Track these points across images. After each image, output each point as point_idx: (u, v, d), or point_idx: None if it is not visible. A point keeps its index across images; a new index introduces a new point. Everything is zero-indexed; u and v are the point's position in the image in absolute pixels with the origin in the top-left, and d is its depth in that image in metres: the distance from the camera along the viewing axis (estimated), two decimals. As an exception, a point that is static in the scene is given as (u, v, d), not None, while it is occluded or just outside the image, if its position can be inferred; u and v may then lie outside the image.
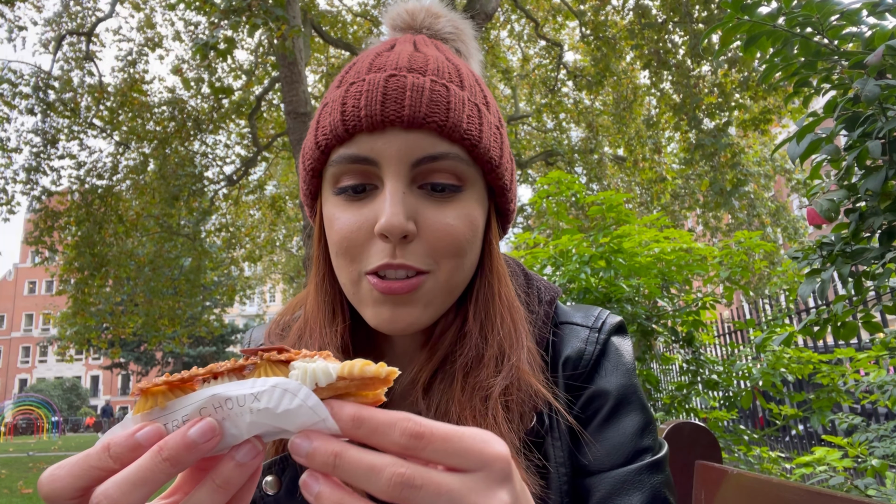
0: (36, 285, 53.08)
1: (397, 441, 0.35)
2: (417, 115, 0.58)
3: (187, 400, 0.37)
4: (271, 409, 0.35)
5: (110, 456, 0.36)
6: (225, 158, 12.11)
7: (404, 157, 0.59)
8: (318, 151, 0.62)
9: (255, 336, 0.82)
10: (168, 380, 0.38)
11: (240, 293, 15.94)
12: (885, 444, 2.55)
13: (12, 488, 8.92)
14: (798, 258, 1.55)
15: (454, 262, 0.61)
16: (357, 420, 0.36)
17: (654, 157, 10.09)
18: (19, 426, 29.13)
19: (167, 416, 0.37)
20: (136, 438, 0.36)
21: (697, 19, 7.76)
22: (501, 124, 0.68)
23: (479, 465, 0.36)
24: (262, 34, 8.47)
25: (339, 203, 0.62)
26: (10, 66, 9.58)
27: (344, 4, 11.56)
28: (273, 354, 0.38)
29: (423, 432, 0.35)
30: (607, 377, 0.68)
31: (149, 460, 0.35)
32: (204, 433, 0.35)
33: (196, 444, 0.35)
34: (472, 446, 0.36)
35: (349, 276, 0.62)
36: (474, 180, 0.63)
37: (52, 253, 10.12)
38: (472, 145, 0.61)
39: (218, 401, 0.36)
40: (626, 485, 0.62)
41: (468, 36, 0.76)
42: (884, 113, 1.21)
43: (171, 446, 0.35)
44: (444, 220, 0.60)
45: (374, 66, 0.63)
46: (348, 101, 0.61)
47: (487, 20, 7.29)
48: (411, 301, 0.60)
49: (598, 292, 2.63)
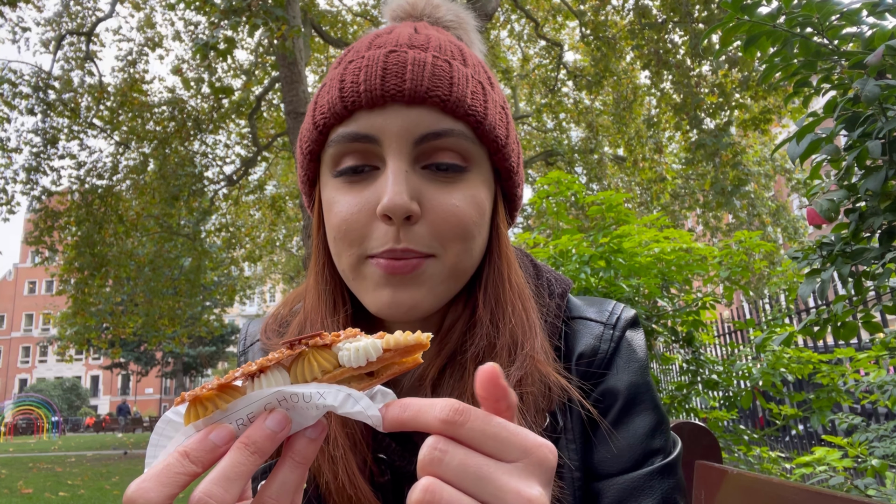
0: (36, 285, 53.09)
1: (438, 415, 0.36)
2: (419, 90, 0.56)
3: (248, 399, 0.39)
4: (336, 406, 0.38)
5: (191, 461, 0.37)
6: (225, 158, 12.12)
7: (406, 133, 0.56)
8: (316, 132, 0.60)
9: (251, 331, 0.80)
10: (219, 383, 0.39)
11: (240, 293, 15.96)
12: (885, 444, 2.55)
13: (12, 488, 8.92)
14: (798, 258, 1.55)
15: (461, 246, 0.58)
16: (404, 405, 0.38)
17: (654, 156, 10.10)
18: (19, 426, 29.12)
19: (229, 417, 0.39)
20: (211, 440, 0.38)
21: (697, 19, 7.76)
22: (506, 106, 0.66)
23: (519, 454, 0.36)
24: (262, 34, 8.47)
25: (338, 186, 0.59)
26: (10, 66, 9.59)
27: (344, 4, 11.57)
28: (316, 340, 0.40)
29: (464, 409, 0.36)
30: (619, 374, 0.66)
31: (239, 454, 0.37)
32: (279, 422, 0.38)
33: (275, 433, 0.38)
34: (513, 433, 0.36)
35: (349, 261, 0.59)
36: (480, 161, 0.61)
37: (52, 253, 10.14)
38: (477, 122, 0.58)
39: (282, 396, 0.38)
40: (637, 491, 0.60)
41: (470, 26, 0.74)
42: (884, 113, 1.21)
43: (255, 438, 0.37)
44: (449, 201, 0.57)
45: (375, 44, 0.61)
46: (347, 77, 0.58)
47: (487, 20, 7.30)
48: (413, 282, 0.57)
49: (598, 292, 2.62)
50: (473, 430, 0.35)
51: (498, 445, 0.35)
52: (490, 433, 0.35)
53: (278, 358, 0.39)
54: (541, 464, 0.36)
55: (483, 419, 0.36)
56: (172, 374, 33.04)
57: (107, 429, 34.85)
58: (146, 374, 32.48)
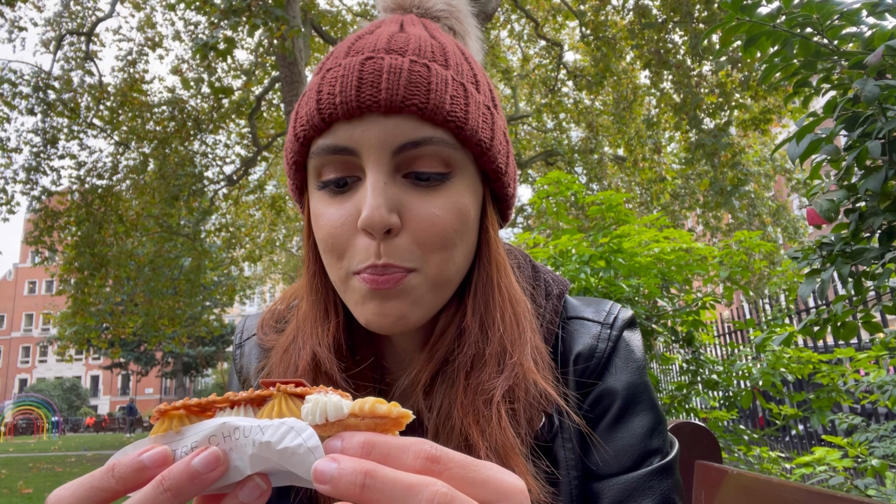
0: (36, 285, 53.09)
1: (412, 464, 0.33)
2: (395, 99, 0.54)
3: (200, 427, 0.36)
4: (272, 443, 0.34)
5: (114, 476, 0.34)
6: (225, 158, 12.13)
7: (385, 144, 0.55)
8: (298, 143, 0.59)
9: (248, 325, 0.79)
10: (187, 404, 0.37)
11: (240, 293, 15.98)
12: (885, 444, 2.54)
13: (12, 488, 8.92)
14: (798, 258, 1.55)
15: (442, 256, 0.57)
16: (368, 445, 0.33)
17: (654, 156, 10.10)
18: (19, 426, 29.12)
19: (178, 442, 0.36)
20: (140, 460, 0.35)
21: (698, 19, 7.76)
22: (494, 104, 0.64)
23: (498, 496, 0.34)
24: (261, 34, 8.47)
25: (322, 198, 0.59)
26: (10, 66, 9.60)
27: (344, 4, 11.58)
28: (290, 387, 0.38)
29: (440, 456, 0.33)
30: (617, 375, 0.65)
31: (151, 490, 0.34)
32: (208, 463, 0.34)
33: (199, 473, 0.34)
34: (492, 476, 0.34)
35: (338, 275, 0.59)
36: (463, 165, 0.59)
37: (52, 253, 10.14)
38: (458, 128, 0.57)
39: (227, 429, 0.35)
40: (636, 491, 0.60)
41: (463, 14, 0.72)
42: (883, 113, 1.21)
43: (174, 476, 0.34)
44: (429, 210, 0.56)
45: (353, 49, 0.60)
46: (324, 88, 0.57)
47: (487, 20, 7.30)
48: (398, 296, 0.56)
49: (598, 292, 2.62)
50: (453, 479, 0.33)
51: (477, 491, 0.34)
52: (469, 479, 0.33)
53: (246, 396, 0.38)
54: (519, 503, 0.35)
55: (460, 464, 0.34)
56: (172, 374, 33.04)
57: (107, 429, 34.87)
58: (146, 374, 32.49)
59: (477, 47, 0.72)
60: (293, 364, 0.63)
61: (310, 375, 0.61)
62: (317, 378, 0.61)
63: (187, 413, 0.37)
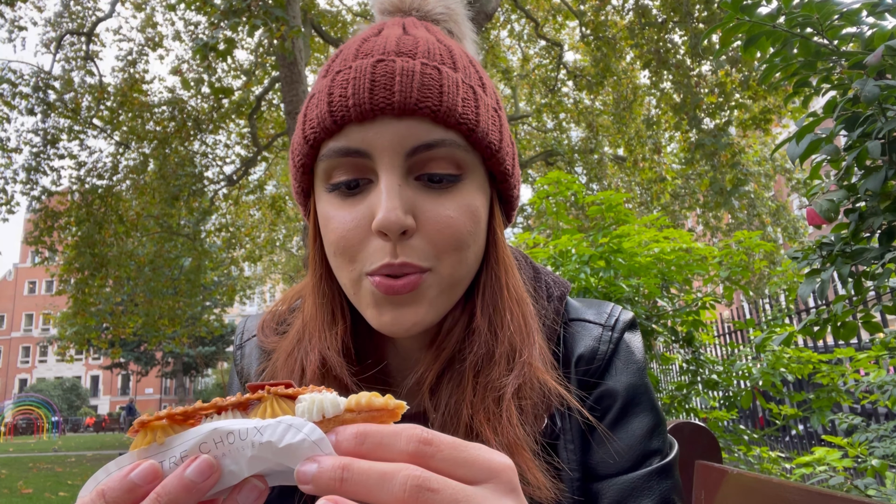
0: (36, 285, 53.08)
1: (404, 448, 0.34)
2: (409, 101, 0.55)
3: (187, 435, 0.35)
4: (273, 442, 0.34)
5: (106, 502, 0.34)
6: (225, 158, 12.13)
7: (398, 146, 0.55)
8: (307, 146, 0.59)
9: (248, 326, 0.79)
10: (170, 413, 0.36)
11: (240, 293, 15.98)
12: (885, 444, 2.54)
13: (12, 488, 8.92)
14: (798, 258, 1.55)
15: (456, 257, 0.58)
16: (361, 435, 0.34)
17: (653, 157, 10.10)
18: (19, 426, 29.12)
19: (165, 453, 0.35)
20: (131, 479, 0.34)
21: (698, 19, 7.76)
22: (499, 106, 0.65)
23: (487, 475, 0.35)
24: (261, 34, 8.47)
25: (332, 200, 0.59)
26: (10, 66, 9.60)
27: (344, 4, 11.59)
28: (280, 389, 0.37)
29: (432, 439, 0.34)
30: (617, 376, 0.66)
31: None
32: (202, 472, 0.34)
33: (194, 483, 0.34)
34: (480, 456, 0.35)
35: (349, 277, 0.59)
36: (474, 167, 0.60)
37: (52, 253, 10.14)
38: (469, 130, 0.57)
39: (219, 435, 0.35)
40: (635, 492, 0.61)
41: (460, 16, 0.72)
42: (883, 113, 1.21)
43: (169, 490, 0.33)
44: (444, 212, 0.56)
45: (361, 52, 0.60)
46: (335, 90, 0.57)
47: (487, 20, 7.30)
48: (414, 300, 0.57)
49: (598, 292, 2.62)
50: (444, 461, 0.34)
51: (467, 471, 0.35)
52: (460, 459, 0.35)
53: (234, 401, 0.37)
54: (509, 483, 0.36)
55: (451, 446, 0.35)
56: (172, 374, 33.05)
57: (107, 429, 34.87)
58: (146, 374, 32.50)
59: (473, 50, 0.72)
60: (300, 367, 0.63)
61: (318, 379, 0.61)
62: (325, 381, 0.61)
63: (170, 423, 0.37)
